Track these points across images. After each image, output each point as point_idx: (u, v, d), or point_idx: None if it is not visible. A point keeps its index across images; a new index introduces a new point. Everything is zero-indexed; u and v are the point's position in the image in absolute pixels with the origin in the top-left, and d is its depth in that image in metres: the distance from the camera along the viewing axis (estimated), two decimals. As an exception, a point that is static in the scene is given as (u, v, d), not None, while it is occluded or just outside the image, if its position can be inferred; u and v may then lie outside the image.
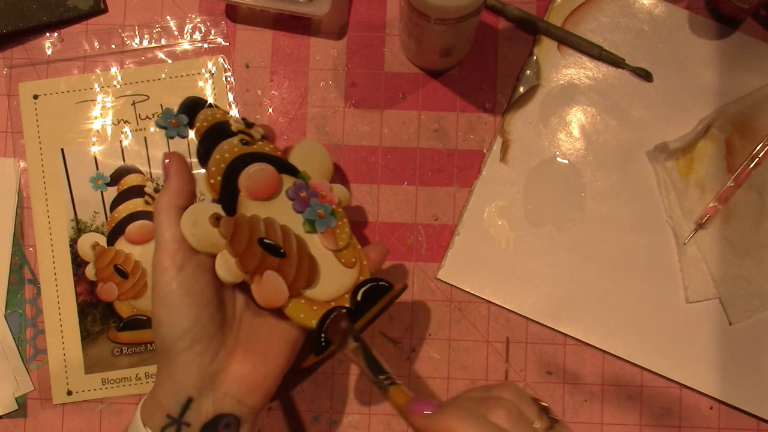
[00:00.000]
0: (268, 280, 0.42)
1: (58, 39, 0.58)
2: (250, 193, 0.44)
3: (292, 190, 0.46)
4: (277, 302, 0.42)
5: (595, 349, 0.55)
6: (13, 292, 0.57)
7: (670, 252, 0.56)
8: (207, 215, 0.42)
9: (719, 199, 0.55)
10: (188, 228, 0.41)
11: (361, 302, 0.45)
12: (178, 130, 0.47)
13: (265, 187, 0.45)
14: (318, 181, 0.47)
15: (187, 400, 0.40)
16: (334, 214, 0.47)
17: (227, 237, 0.41)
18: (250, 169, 0.44)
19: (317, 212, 0.46)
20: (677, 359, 0.55)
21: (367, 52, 0.58)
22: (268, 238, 0.43)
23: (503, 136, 0.57)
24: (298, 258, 0.44)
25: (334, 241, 0.46)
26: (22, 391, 0.56)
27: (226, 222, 0.42)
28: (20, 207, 0.57)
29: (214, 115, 0.47)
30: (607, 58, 0.57)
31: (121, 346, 0.57)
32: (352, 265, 0.46)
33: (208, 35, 0.58)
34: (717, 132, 0.56)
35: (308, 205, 0.46)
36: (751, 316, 0.55)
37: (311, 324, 0.43)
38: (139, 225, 0.57)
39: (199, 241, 0.41)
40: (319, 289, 0.44)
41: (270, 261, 0.42)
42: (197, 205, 0.42)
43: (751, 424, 0.55)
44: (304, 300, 0.43)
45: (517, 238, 0.56)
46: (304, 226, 0.45)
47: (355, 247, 0.47)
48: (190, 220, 0.41)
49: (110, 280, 0.57)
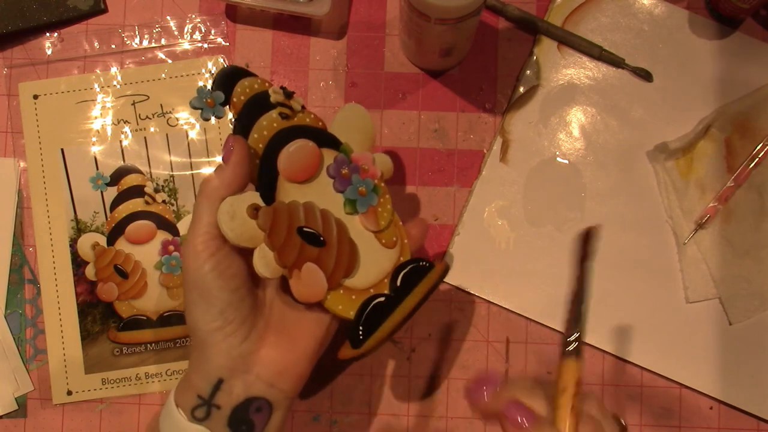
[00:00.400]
0: (307, 274, 0.40)
1: (58, 39, 0.58)
2: (290, 175, 0.42)
3: (333, 168, 0.43)
4: (316, 297, 0.41)
5: (595, 349, 0.55)
6: (13, 292, 0.57)
7: (670, 252, 0.56)
8: (245, 207, 0.40)
9: (719, 199, 0.55)
10: (226, 222, 0.39)
11: (401, 287, 0.42)
12: (214, 110, 0.43)
13: (306, 168, 0.42)
14: (360, 153, 0.44)
15: (217, 381, 0.40)
16: (376, 190, 0.44)
17: (266, 229, 0.39)
18: (289, 147, 0.42)
19: (358, 190, 0.43)
20: (677, 359, 0.55)
21: (367, 52, 0.58)
22: (308, 226, 0.41)
23: (503, 136, 0.57)
24: (338, 245, 0.41)
25: (376, 221, 0.44)
26: (22, 391, 0.56)
27: (264, 213, 0.40)
28: (20, 207, 0.57)
29: (252, 86, 0.44)
30: (607, 58, 0.57)
31: (121, 346, 0.57)
32: (393, 244, 0.44)
33: (208, 35, 0.58)
34: (717, 132, 0.56)
35: (349, 183, 0.43)
36: (751, 316, 0.55)
37: (350, 315, 0.41)
38: (139, 225, 0.57)
39: (237, 236, 0.39)
40: (359, 277, 0.42)
41: (309, 252, 0.40)
42: (234, 198, 0.40)
43: (751, 424, 0.55)
44: (342, 290, 0.42)
45: (517, 238, 0.56)
46: (345, 207, 0.43)
47: (397, 225, 0.45)
48: (227, 214, 0.39)
49: (110, 280, 0.57)
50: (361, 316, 0.41)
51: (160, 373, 0.56)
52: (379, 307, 0.42)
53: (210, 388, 0.40)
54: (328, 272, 0.41)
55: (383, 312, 0.42)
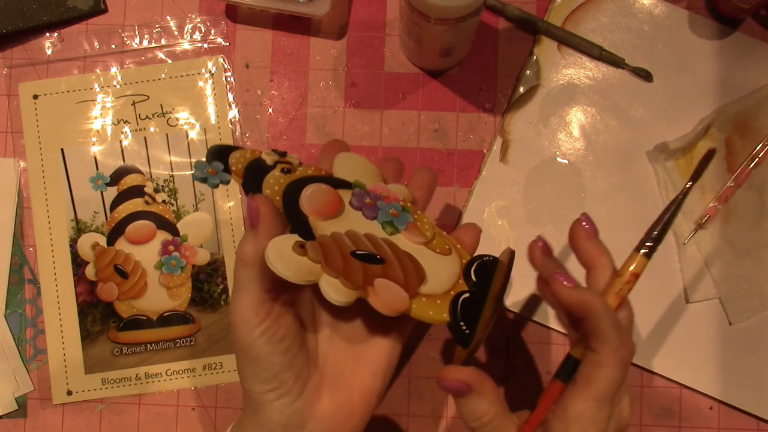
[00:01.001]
0: (381, 287, 0.39)
1: (58, 39, 0.58)
2: (318, 213, 0.41)
3: (356, 200, 0.43)
4: (402, 305, 0.39)
5: (595, 349, 0.55)
6: (13, 292, 0.57)
7: (670, 252, 0.56)
8: (290, 246, 0.39)
9: (719, 199, 0.55)
10: (279, 263, 0.38)
11: (479, 281, 0.42)
12: (220, 176, 0.43)
13: (330, 204, 0.42)
14: (374, 185, 0.45)
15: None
16: (407, 210, 0.44)
17: (320, 261, 0.39)
18: (306, 191, 0.42)
19: (390, 212, 0.43)
20: (677, 359, 0.55)
21: (367, 52, 0.58)
22: (359, 249, 0.40)
23: (503, 136, 0.57)
24: (398, 258, 0.41)
25: (421, 232, 0.43)
26: (22, 391, 0.56)
27: (312, 246, 0.39)
28: (20, 207, 0.57)
29: (244, 155, 0.44)
30: (607, 58, 0.57)
31: (121, 346, 0.57)
32: (449, 252, 0.43)
33: (208, 35, 0.58)
34: (717, 132, 0.56)
35: (378, 209, 0.43)
36: (751, 316, 0.55)
37: (444, 317, 0.40)
38: (139, 225, 0.57)
39: (295, 274, 0.38)
40: (432, 282, 0.41)
41: (373, 270, 0.40)
42: (276, 240, 0.39)
43: (751, 424, 0.55)
44: (424, 298, 0.41)
45: (517, 238, 0.56)
46: (385, 229, 0.43)
47: (442, 235, 0.44)
48: (277, 255, 0.38)
49: (110, 280, 0.57)
50: (456, 314, 0.41)
51: (160, 373, 0.56)
52: (467, 301, 0.41)
53: None
54: (400, 284, 0.40)
55: (474, 304, 0.41)
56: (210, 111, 0.58)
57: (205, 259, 0.57)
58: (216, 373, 0.56)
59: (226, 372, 0.56)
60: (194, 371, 0.56)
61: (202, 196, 0.57)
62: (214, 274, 0.57)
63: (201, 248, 0.57)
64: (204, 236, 0.57)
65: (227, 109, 0.58)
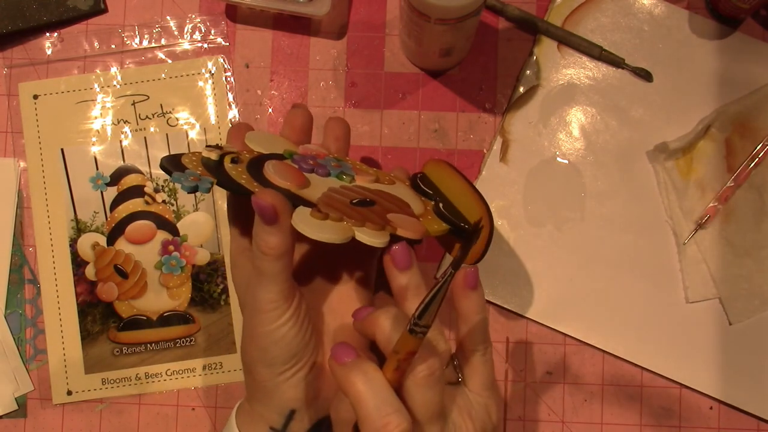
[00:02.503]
0: (398, 220, 0.41)
1: (58, 39, 0.58)
2: (295, 183, 0.41)
3: (303, 165, 0.43)
4: (422, 228, 0.42)
5: (595, 349, 0.55)
6: (13, 292, 0.57)
7: (670, 252, 0.56)
8: (308, 216, 0.39)
9: (719, 199, 0.55)
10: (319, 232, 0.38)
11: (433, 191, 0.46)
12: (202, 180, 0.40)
13: (296, 173, 0.42)
14: (300, 148, 0.46)
15: (290, 412, 0.40)
16: (341, 160, 0.47)
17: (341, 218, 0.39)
18: (268, 169, 0.42)
19: (333, 165, 0.45)
20: (677, 359, 0.55)
21: (367, 52, 0.58)
22: (352, 199, 0.42)
23: (503, 136, 0.57)
24: (386, 198, 0.44)
25: (367, 173, 0.46)
26: (22, 391, 0.56)
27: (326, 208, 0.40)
28: (20, 207, 0.57)
29: (191, 158, 0.43)
30: (607, 58, 0.57)
31: (121, 346, 0.57)
32: (393, 181, 0.46)
33: (208, 35, 0.58)
34: (717, 132, 0.56)
35: (325, 166, 0.44)
36: (751, 316, 0.55)
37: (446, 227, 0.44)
38: (139, 225, 0.57)
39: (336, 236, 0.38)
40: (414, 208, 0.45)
41: (378, 210, 0.42)
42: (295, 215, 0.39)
43: (751, 424, 0.55)
44: (421, 218, 0.43)
45: (517, 238, 0.56)
46: (343, 180, 0.44)
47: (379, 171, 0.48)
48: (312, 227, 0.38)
49: (110, 280, 0.57)
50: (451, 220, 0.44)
51: (160, 373, 0.56)
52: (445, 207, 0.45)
53: (282, 419, 0.40)
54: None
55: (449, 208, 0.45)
56: (210, 111, 0.58)
57: (205, 259, 0.57)
58: (216, 373, 0.56)
59: (226, 372, 0.56)
60: (194, 371, 0.56)
61: (201, 196, 0.57)
62: (214, 274, 0.57)
63: (201, 248, 0.57)
64: (204, 236, 0.57)
65: (227, 109, 0.58)
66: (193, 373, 0.56)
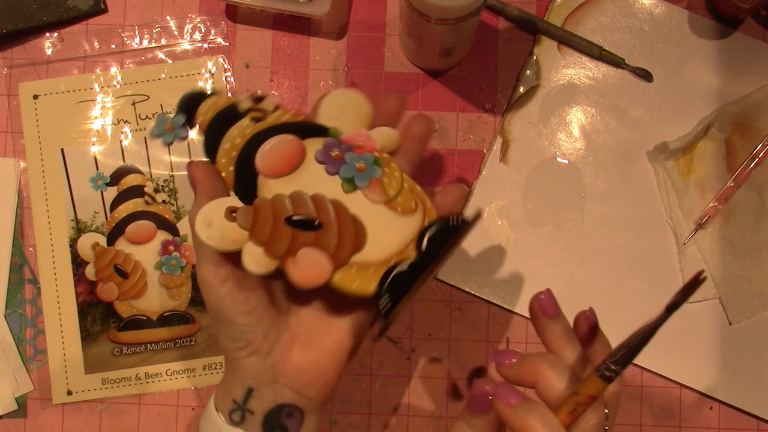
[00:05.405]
0: (303, 258, 0.38)
1: (58, 39, 0.58)
2: (270, 171, 0.40)
3: (322, 153, 0.40)
4: (320, 278, 0.38)
5: (595, 349, 0.55)
6: (13, 292, 0.57)
7: (670, 252, 0.56)
8: (221, 212, 0.38)
9: (719, 199, 0.55)
10: (203, 231, 0.38)
11: (428, 251, 0.39)
12: (176, 132, 0.41)
13: (287, 160, 0.40)
14: (352, 132, 0.42)
15: (248, 389, 0.41)
16: (378, 162, 0.41)
17: (247, 227, 0.38)
18: (264, 146, 0.40)
19: (356, 166, 0.41)
20: (677, 359, 0.55)
21: (367, 52, 0.58)
22: (297, 213, 0.39)
23: (503, 136, 0.57)
24: (339, 225, 0.39)
25: (382, 191, 0.41)
26: (22, 391, 0.56)
27: (243, 212, 0.38)
28: (20, 207, 0.57)
29: (216, 103, 0.41)
30: (607, 58, 0.57)
31: (121, 346, 0.57)
32: (412, 210, 0.41)
33: (208, 35, 0.58)
34: (717, 132, 0.56)
35: (342, 163, 0.41)
36: (751, 316, 0.55)
37: (370, 290, 0.38)
38: (139, 225, 0.57)
39: (217, 242, 0.38)
40: (371, 249, 0.39)
41: (304, 238, 0.38)
42: (209, 205, 0.39)
43: (751, 424, 0.55)
44: (356, 268, 0.39)
45: (517, 238, 0.56)
46: (343, 186, 0.40)
47: (413, 190, 0.41)
48: (203, 224, 0.38)
49: (110, 280, 0.57)
50: (382, 288, 0.39)
51: (160, 373, 0.56)
52: (402, 275, 0.39)
53: (243, 394, 0.41)
54: (330, 252, 0.39)
55: (408, 277, 0.39)
56: (210, 111, 0.58)
57: (205, 259, 0.57)
58: (216, 373, 0.56)
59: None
60: (194, 371, 0.56)
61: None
62: (214, 274, 0.57)
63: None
64: (204, 236, 0.57)
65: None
66: (193, 373, 0.56)
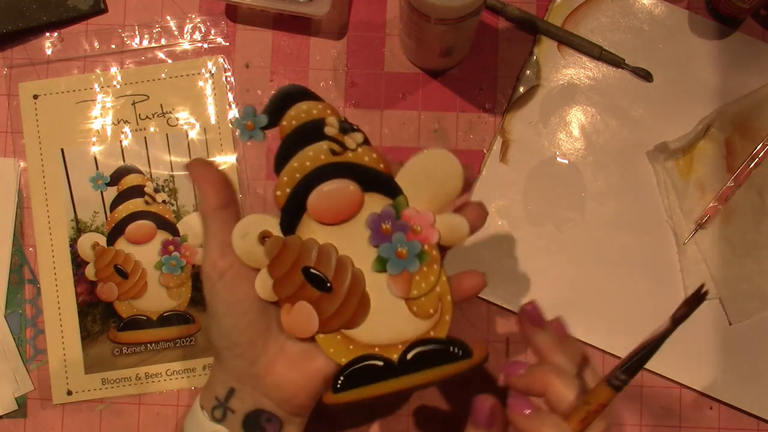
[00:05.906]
0: (298, 311, 0.39)
1: (58, 39, 0.58)
2: (317, 216, 0.39)
3: (372, 220, 0.39)
4: (302, 334, 0.40)
5: (595, 348, 0.55)
6: (13, 292, 0.57)
7: (670, 252, 0.56)
8: (258, 230, 0.39)
9: (719, 199, 0.55)
10: (236, 239, 0.39)
11: (410, 363, 0.39)
12: (252, 134, 0.39)
13: (338, 211, 0.39)
14: (417, 211, 0.39)
15: (230, 389, 0.42)
16: (422, 257, 0.39)
17: (270, 258, 0.39)
18: (323, 187, 0.38)
19: (396, 251, 0.39)
20: (677, 359, 0.55)
21: (367, 52, 0.58)
22: (317, 268, 0.39)
23: (503, 136, 0.57)
24: (346, 297, 0.39)
25: (407, 288, 0.39)
26: (22, 391, 0.56)
27: (271, 242, 0.39)
28: (20, 207, 0.57)
29: (309, 111, 0.39)
30: (607, 58, 0.57)
31: (121, 346, 0.57)
32: (427, 316, 0.39)
33: (208, 35, 0.58)
34: (717, 132, 0.56)
35: (387, 240, 0.39)
36: (751, 316, 0.55)
37: (340, 361, 0.39)
38: (139, 225, 0.57)
39: (243, 254, 0.39)
40: (364, 331, 0.39)
41: (309, 292, 0.39)
42: (253, 217, 0.39)
43: (751, 424, 0.55)
44: (340, 336, 0.40)
45: (517, 238, 0.56)
46: (374, 263, 0.39)
47: (441, 298, 0.40)
48: (240, 232, 0.39)
49: (110, 280, 0.57)
50: (344, 369, 0.39)
51: (160, 373, 0.56)
52: (372, 369, 0.39)
53: (225, 393, 0.42)
54: (324, 316, 0.39)
55: (374, 375, 0.39)
56: (210, 111, 0.58)
57: (205, 259, 0.57)
58: (216, 373, 0.56)
59: (226, 372, 0.56)
60: (194, 371, 0.56)
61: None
62: (214, 274, 0.57)
63: (201, 248, 0.57)
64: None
65: (227, 109, 0.58)
66: (193, 373, 0.56)
